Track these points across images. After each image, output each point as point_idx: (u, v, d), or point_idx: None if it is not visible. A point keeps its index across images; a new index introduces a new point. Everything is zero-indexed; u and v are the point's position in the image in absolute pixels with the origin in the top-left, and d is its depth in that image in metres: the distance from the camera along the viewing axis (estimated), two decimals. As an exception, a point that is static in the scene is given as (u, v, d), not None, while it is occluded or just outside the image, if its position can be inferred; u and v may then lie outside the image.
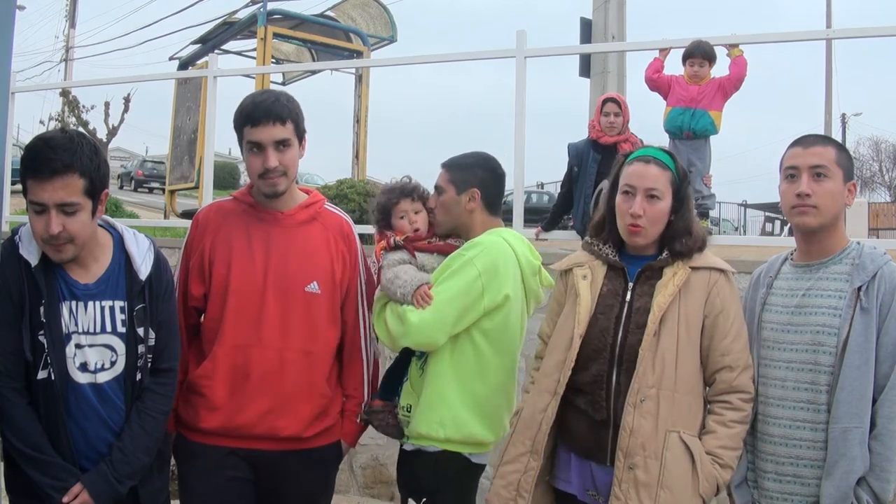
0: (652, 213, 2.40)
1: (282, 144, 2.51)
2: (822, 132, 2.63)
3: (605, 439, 2.35)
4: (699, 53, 5.40)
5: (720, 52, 5.46)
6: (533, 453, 2.39)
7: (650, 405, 2.29)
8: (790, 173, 2.38)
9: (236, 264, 2.56)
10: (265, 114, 2.48)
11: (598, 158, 5.42)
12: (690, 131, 5.39)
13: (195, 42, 12.68)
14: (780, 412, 2.33)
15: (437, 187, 2.77)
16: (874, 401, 2.20)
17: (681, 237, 2.42)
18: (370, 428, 2.81)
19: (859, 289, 2.25)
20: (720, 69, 5.48)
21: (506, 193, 2.95)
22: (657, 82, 5.59)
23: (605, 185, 2.66)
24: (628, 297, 2.42)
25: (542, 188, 26.68)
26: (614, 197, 2.50)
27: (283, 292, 2.56)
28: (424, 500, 2.60)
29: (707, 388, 2.43)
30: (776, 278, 2.45)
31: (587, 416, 2.38)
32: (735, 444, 2.34)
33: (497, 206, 2.79)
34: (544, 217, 6.02)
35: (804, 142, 2.40)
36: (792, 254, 2.49)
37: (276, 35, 11.13)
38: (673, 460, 2.27)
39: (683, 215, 2.44)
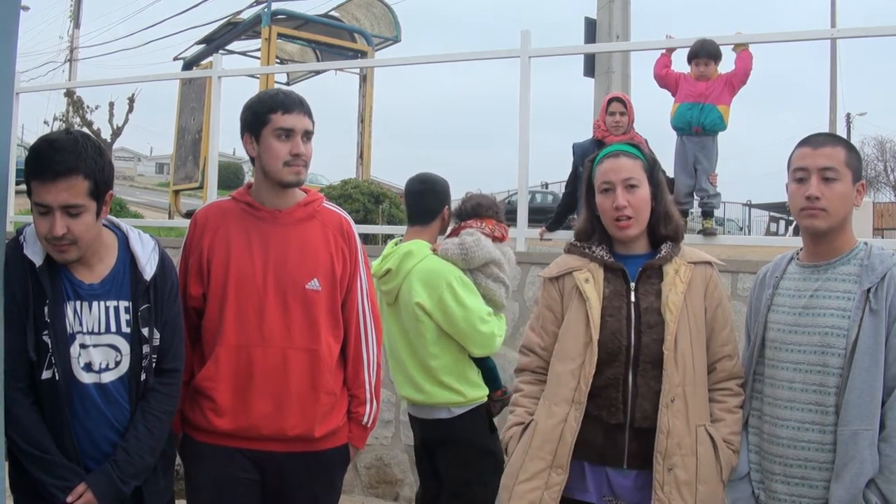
0: (635, 202, 2.42)
1: (307, 135, 2.57)
2: (817, 132, 2.60)
3: (621, 443, 2.35)
4: (704, 54, 5.39)
5: (726, 51, 5.45)
6: (555, 468, 2.36)
7: (679, 404, 2.32)
8: (799, 175, 2.35)
9: (235, 263, 2.56)
10: (298, 103, 2.55)
11: (603, 158, 5.40)
12: (700, 126, 5.37)
13: (199, 42, 12.71)
14: (787, 414, 2.31)
15: None
16: (883, 403, 2.19)
17: (663, 221, 2.46)
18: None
19: (868, 290, 2.23)
20: (726, 65, 5.48)
21: (510, 193, 3.21)
22: (666, 79, 5.58)
23: None
24: (633, 297, 2.42)
25: (547, 188, 26.67)
26: (592, 202, 2.51)
27: (284, 290, 2.55)
28: None
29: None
30: (782, 278, 2.44)
31: (600, 421, 2.37)
32: (739, 428, 2.41)
33: (409, 216, 3.50)
34: (549, 217, 6.00)
35: (813, 142, 2.37)
36: (798, 253, 2.47)
37: (280, 35, 11.16)
38: (705, 454, 2.33)
39: (660, 200, 2.48)
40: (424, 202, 3.45)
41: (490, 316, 3.28)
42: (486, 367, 3.40)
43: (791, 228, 17.98)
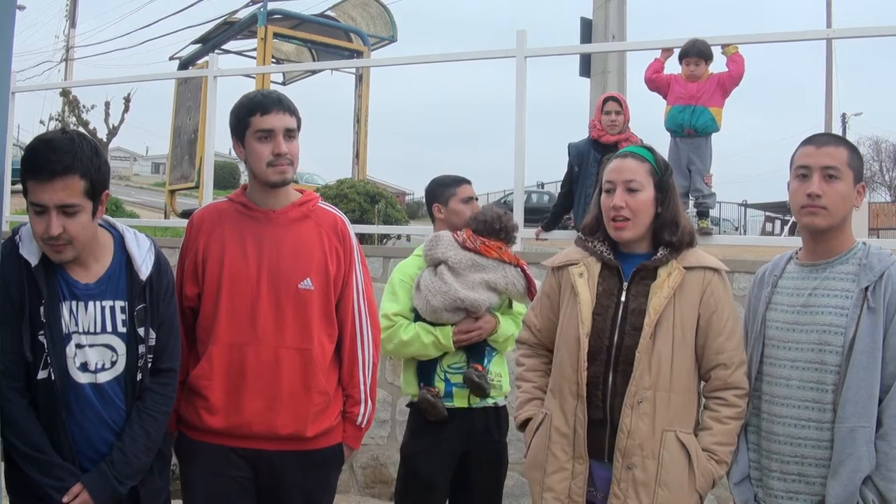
0: (634, 205, 2.42)
1: (289, 134, 2.57)
2: (821, 132, 2.65)
3: (602, 438, 2.38)
4: (695, 53, 5.40)
5: (717, 52, 5.46)
6: (577, 458, 2.40)
7: (647, 406, 2.32)
8: (801, 172, 2.36)
9: (229, 262, 2.57)
10: (276, 102, 2.56)
11: (599, 158, 5.41)
12: (692, 128, 5.39)
13: (195, 42, 12.69)
14: (784, 411, 2.33)
15: None
16: (880, 400, 2.20)
17: (668, 228, 2.45)
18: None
19: (866, 289, 2.25)
20: (718, 67, 5.49)
21: (506, 193, 3.17)
22: (656, 82, 5.59)
23: None
24: (623, 297, 2.43)
25: (543, 188, 26.66)
26: (600, 199, 2.53)
27: (277, 289, 2.56)
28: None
29: (702, 384, 2.46)
30: (781, 277, 2.45)
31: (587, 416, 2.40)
32: (730, 440, 2.38)
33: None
34: (545, 217, 6.02)
35: (816, 141, 2.39)
36: (797, 253, 2.48)
37: (276, 35, 11.15)
38: (670, 459, 2.32)
39: (668, 206, 2.46)
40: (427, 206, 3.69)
41: (385, 318, 3.21)
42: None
43: (787, 228, 18.00)
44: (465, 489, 3.32)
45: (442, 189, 3.55)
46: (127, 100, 18.47)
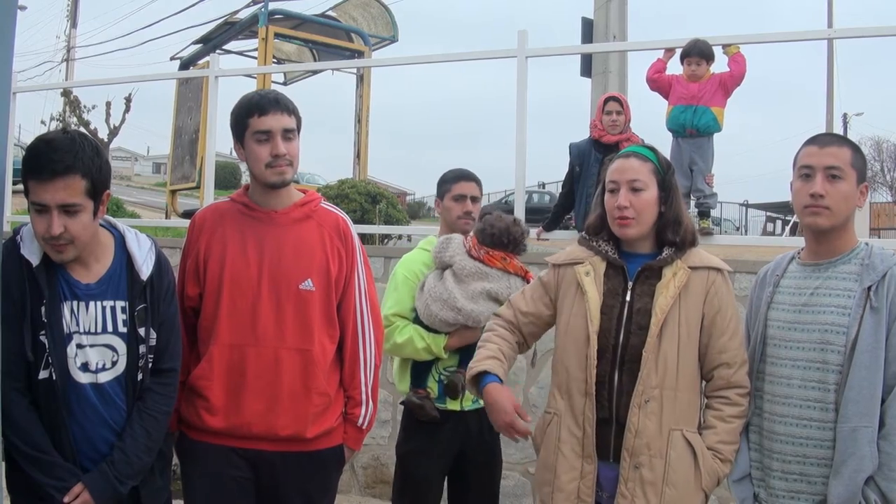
0: (638, 204, 2.43)
1: (287, 134, 2.56)
2: (824, 132, 2.67)
3: (608, 437, 2.38)
4: (696, 53, 5.39)
5: (718, 52, 5.46)
6: (586, 457, 2.40)
7: (654, 406, 2.33)
8: (805, 172, 2.36)
9: (230, 263, 2.57)
10: (273, 103, 2.54)
11: (601, 158, 5.40)
12: (694, 128, 5.38)
13: (196, 42, 12.71)
14: (786, 410, 2.33)
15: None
16: (882, 400, 2.20)
17: (671, 227, 2.45)
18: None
19: (869, 288, 2.25)
20: (719, 67, 5.48)
21: (507, 193, 3.12)
22: (658, 82, 5.58)
23: None
24: (628, 296, 2.43)
25: (544, 188, 26.65)
26: (603, 200, 2.52)
27: (277, 290, 2.56)
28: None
29: (704, 384, 2.46)
30: (783, 277, 2.45)
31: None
32: (733, 439, 2.40)
33: None
34: (546, 217, 6.01)
35: (820, 141, 2.39)
36: (799, 252, 2.49)
37: (277, 35, 11.17)
38: (677, 458, 2.33)
39: (671, 205, 2.47)
40: None
41: (386, 318, 3.15)
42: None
43: (787, 228, 18.00)
44: (464, 489, 3.33)
45: (441, 184, 3.50)
46: (128, 100, 18.46)
